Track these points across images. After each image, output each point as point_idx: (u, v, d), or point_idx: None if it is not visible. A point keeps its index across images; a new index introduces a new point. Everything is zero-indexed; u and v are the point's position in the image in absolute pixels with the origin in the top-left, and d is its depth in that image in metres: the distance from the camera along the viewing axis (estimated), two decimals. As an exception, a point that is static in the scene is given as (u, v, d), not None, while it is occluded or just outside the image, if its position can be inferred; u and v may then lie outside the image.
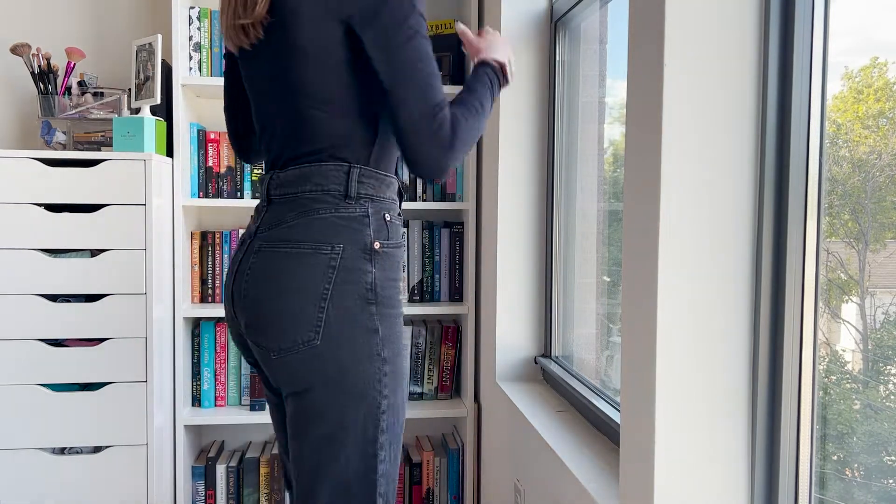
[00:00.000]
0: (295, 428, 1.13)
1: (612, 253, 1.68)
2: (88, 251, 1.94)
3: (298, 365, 1.08)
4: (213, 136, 2.19)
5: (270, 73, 1.15)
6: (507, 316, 1.96)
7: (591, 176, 1.80)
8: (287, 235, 1.10)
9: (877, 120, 0.98)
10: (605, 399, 1.53)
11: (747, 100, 0.99)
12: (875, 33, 0.96)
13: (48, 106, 2.12)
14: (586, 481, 1.27)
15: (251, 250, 1.15)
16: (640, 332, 1.04)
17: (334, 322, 1.07)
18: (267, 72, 1.16)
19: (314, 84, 1.10)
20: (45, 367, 1.92)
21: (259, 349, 1.13)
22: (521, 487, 1.70)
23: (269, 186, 1.15)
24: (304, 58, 1.09)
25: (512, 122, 1.92)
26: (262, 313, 1.10)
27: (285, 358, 1.08)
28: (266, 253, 1.11)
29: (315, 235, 1.09)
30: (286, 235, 1.10)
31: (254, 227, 1.17)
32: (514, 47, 1.90)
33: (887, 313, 0.98)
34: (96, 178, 1.92)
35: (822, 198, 0.98)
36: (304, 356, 1.07)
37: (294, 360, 1.08)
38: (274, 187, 1.14)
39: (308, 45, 1.08)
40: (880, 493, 0.96)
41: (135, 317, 1.94)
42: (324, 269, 1.07)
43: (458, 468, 2.30)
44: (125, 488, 1.96)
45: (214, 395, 2.23)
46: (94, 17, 2.33)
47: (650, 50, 1.01)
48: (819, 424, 1.00)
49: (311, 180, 1.11)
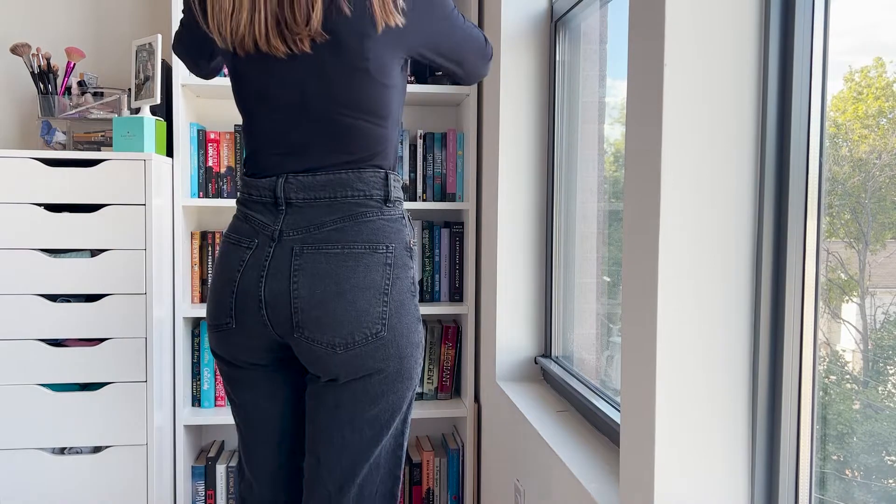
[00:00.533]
0: (340, 412, 1.19)
1: (612, 253, 1.68)
2: (88, 251, 1.94)
3: (365, 356, 1.15)
4: (213, 136, 2.19)
5: (306, 86, 1.15)
6: (507, 316, 1.96)
7: (591, 176, 1.80)
8: (336, 237, 1.15)
9: (877, 119, 0.98)
10: (605, 399, 1.53)
11: (747, 100, 0.99)
12: (876, 33, 0.96)
13: (48, 106, 2.12)
14: (586, 481, 1.27)
15: (284, 252, 1.16)
16: (640, 332, 1.04)
17: (394, 314, 1.17)
18: (299, 83, 1.16)
19: (370, 101, 1.17)
20: (45, 367, 1.92)
21: (314, 345, 1.16)
22: (521, 487, 1.70)
23: (287, 189, 1.17)
24: (364, 77, 1.15)
25: (512, 122, 1.92)
26: (328, 311, 1.14)
27: (353, 350, 1.15)
28: (312, 255, 1.15)
29: (368, 237, 1.16)
30: (334, 237, 1.15)
31: (274, 227, 1.17)
32: (513, 47, 1.91)
33: (887, 313, 0.98)
34: (96, 178, 1.92)
35: (822, 198, 0.98)
36: (371, 347, 1.15)
37: (362, 351, 1.15)
38: (294, 190, 1.16)
39: (371, 67, 1.15)
40: (880, 494, 0.96)
41: (135, 317, 1.94)
42: (382, 268, 1.16)
43: (458, 468, 2.30)
44: (125, 488, 1.96)
45: (214, 395, 2.23)
46: (94, 17, 2.33)
47: (650, 50, 1.01)
48: (819, 424, 1.00)
49: (351, 186, 1.17)
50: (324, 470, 1.22)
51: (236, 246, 1.21)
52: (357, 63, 1.14)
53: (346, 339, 1.14)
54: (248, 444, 1.31)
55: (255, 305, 1.17)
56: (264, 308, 1.17)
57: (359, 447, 1.20)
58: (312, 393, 1.23)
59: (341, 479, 1.22)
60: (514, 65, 1.91)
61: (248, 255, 1.18)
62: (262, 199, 1.20)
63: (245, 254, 1.19)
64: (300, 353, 1.19)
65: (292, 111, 1.18)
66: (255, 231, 1.19)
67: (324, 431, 1.21)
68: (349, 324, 1.14)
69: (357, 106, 1.16)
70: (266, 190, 1.19)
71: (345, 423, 1.19)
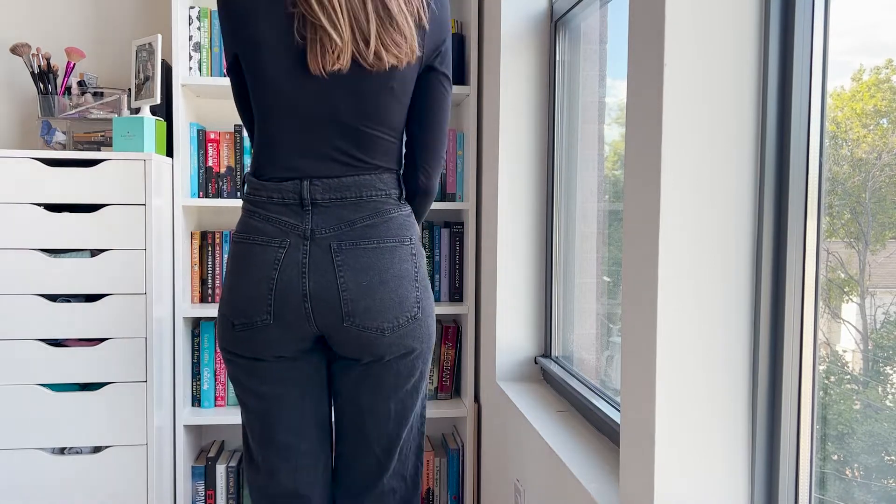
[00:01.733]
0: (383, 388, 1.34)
1: (612, 253, 1.68)
2: (88, 251, 1.94)
3: (406, 336, 1.31)
4: (213, 136, 2.19)
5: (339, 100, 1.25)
6: (507, 316, 1.96)
7: (591, 176, 1.80)
8: (370, 234, 1.28)
9: (876, 119, 0.98)
10: (605, 399, 1.53)
11: (747, 100, 0.99)
12: (876, 33, 0.96)
13: (48, 106, 2.12)
14: (586, 481, 1.27)
15: (321, 249, 1.26)
16: (640, 332, 1.04)
17: (423, 298, 1.33)
18: (333, 97, 1.25)
19: (391, 116, 1.29)
20: (45, 367, 1.92)
21: (364, 331, 1.28)
22: (521, 487, 1.70)
23: (313, 192, 1.27)
24: (390, 96, 1.28)
25: (512, 122, 1.92)
26: (375, 300, 1.28)
27: (398, 332, 1.30)
28: (351, 250, 1.27)
29: (395, 231, 1.30)
30: (368, 234, 1.28)
31: (304, 227, 1.26)
32: (513, 47, 1.91)
33: (887, 313, 0.98)
34: (96, 178, 1.92)
35: (822, 198, 0.98)
36: (411, 327, 1.31)
37: (404, 332, 1.31)
38: (320, 192, 1.27)
39: (396, 87, 1.28)
40: (880, 493, 0.96)
41: (135, 317, 1.94)
42: (409, 258, 1.31)
43: (458, 468, 2.30)
44: (125, 488, 1.96)
45: (214, 395, 2.23)
46: (94, 17, 2.33)
47: (650, 50, 1.01)
48: (819, 424, 1.00)
49: (373, 186, 1.29)
50: (371, 440, 1.38)
51: (265, 246, 1.27)
52: (386, 83, 1.26)
53: (392, 323, 1.29)
54: (268, 433, 1.37)
55: (298, 300, 1.27)
56: (308, 301, 1.27)
57: (402, 415, 1.38)
58: (351, 375, 1.35)
59: (388, 445, 1.39)
60: (514, 65, 1.91)
61: (282, 253, 1.26)
62: (284, 202, 1.27)
63: (279, 253, 1.26)
64: (344, 341, 1.30)
65: (322, 122, 1.27)
66: (284, 231, 1.27)
67: (368, 407, 1.36)
68: (394, 308, 1.29)
69: (380, 121, 1.29)
70: (290, 192, 1.27)
71: (389, 396, 1.35)
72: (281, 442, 1.37)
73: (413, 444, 1.45)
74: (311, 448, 1.39)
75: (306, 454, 1.39)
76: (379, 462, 1.40)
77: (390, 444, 1.39)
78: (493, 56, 2.00)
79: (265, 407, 1.35)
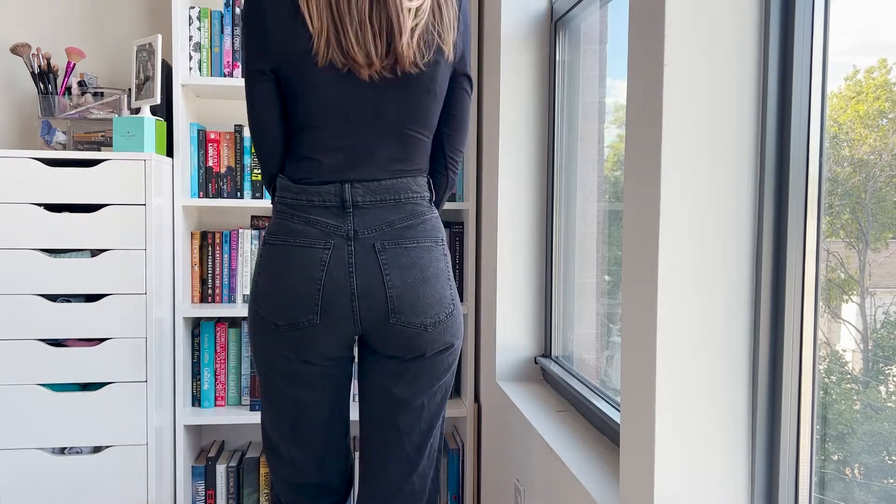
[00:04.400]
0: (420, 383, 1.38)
1: (612, 253, 1.68)
2: (88, 251, 1.94)
3: (445, 331, 1.36)
4: (213, 136, 2.19)
5: (384, 104, 1.29)
6: (507, 316, 1.96)
7: (591, 176, 1.80)
8: (409, 234, 1.32)
9: (877, 119, 0.98)
10: (605, 399, 1.53)
11: (747, 100, 0.99)
12: (876, 33, 0.96)
13: (48, 106, 2.12)
14: (586, 481, 1.27)
15: (365, 249, 1.29)
16: (640, 332, 1.04)
17: (456, 296, 1.39)
18: (378, 101, 1.28)
19: (430, 118, 1.34)
20: (45, 367, 1.92)
21: (408, 327, 1.32)
22: (521, 487, 1.70)
23: (354, 194, 1.30)
24: (431, 98, 1.32)
25: (512, 122, 1.92)
26: (419, 297, 1.32)
27: (439, 327, 1.34)
28: (394, 249, 1.31)
29: (430, 232, 1.35)
30: (408, 234, 1.32)
31: (347, 228, 1.29)
32: (513, 47, 1.91)
33: (887, 313, 0.98)
34: (96, 178, 1.92)
35: (822, 198, 0.98)
36: (449, 323, 1.36)
37: (444, 328, 1.35)
38: (361, 194, 1.30)
39: (437, 89, 1.32)
40: (881, 493, 0.96)
41: (135, 317, 1.94)
42: (443, 257, 1.37)
43: (458, 468, 2.30)
44: (125, 488, 1.96)
45: (214, 395, 2.23)
46: (94, 17, 2.33)
47: (650, 50, 1.01)
48: (819, 424, 1.00)
49: (410, 189, 1.33)
50: (403, 436, 1.40)
51: (307, 248, 1.29)
52: (429, 86, 1.31)
53: (433, 319, 1.33)
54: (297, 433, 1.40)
55: (346, 299, 1.30)
56: (356, 300, 1.30)
57: (436, 410, 1.43)
58: (388, 372, 1.38)
59: (420, 440, 1.42)
60: (514, 65, 1.91)
61: (327, 255, 1.29)
62: (324, 204, 1.30)
63: (324, 254, 1.29)
64: (387, 338, 1.33)
65: (366, 125, 1.30)
66: (326, 233, 1.29)
67: (404, 403, 1.39)
68: (436, 304, 1.33)
69: (423, 123, 1.34)
70: (331, 195, 1.29)
71: (425, 390, 1.39)
72: (309, 440, 1.40)
73: (437, 444, 1.48)
74: (336, 441, 1.44)
75: (332, 448, 1.44)
76: (409, 459, 1.42)
77: (422, 440, 1.42)
78: (493, 56, 2.00)
79: (299, 410, 1.38)
